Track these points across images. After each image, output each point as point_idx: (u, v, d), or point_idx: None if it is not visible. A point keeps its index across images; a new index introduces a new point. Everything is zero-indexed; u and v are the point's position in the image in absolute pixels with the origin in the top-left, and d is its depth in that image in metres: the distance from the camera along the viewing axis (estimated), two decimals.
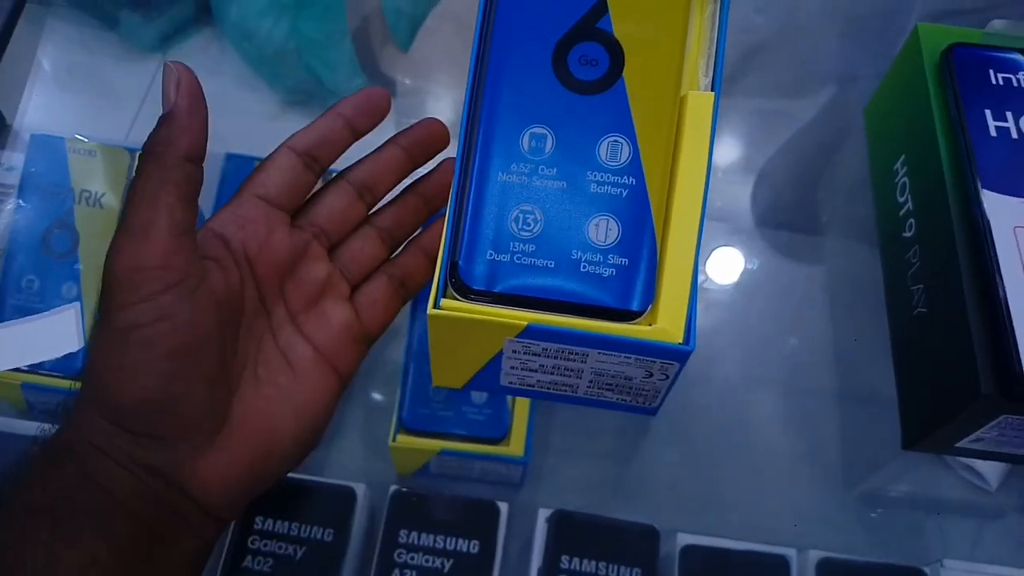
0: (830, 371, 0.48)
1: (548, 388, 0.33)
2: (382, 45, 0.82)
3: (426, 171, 0.38)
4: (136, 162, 0.49)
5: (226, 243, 0.32)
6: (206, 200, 0.47)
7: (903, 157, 0.38)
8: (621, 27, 0.31)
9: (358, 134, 0.35)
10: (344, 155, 0.36)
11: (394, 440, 0.44)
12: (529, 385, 0.33)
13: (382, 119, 0.36)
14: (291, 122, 0.36)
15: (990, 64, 0.36)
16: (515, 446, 0.44)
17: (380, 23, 0.84)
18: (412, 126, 0.37)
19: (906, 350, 0.36)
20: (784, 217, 0.55)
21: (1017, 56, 0.36)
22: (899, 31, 0.44)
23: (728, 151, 0.60)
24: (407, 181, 0.38)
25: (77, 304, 0.45)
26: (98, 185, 0.47)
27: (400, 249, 0.38)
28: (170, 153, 0.28)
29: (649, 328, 0.29)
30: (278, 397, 0.32)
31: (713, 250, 0.54)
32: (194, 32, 1.00)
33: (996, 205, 0.32)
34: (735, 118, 0.61)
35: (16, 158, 0.50)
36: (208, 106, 0.30)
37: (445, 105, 0.64)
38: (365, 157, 0.36)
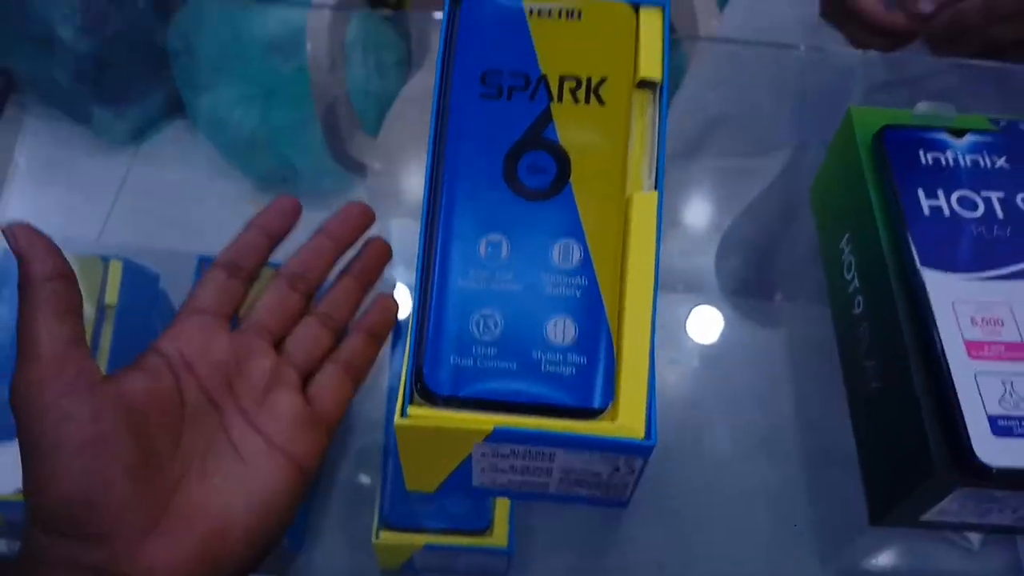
0: (803, 438, 0.49)
1: (520, 487, 0.34)
2: (351, 129, 0.84)
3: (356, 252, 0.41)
4: (110, 270, 0.50)
5: (160, 353, 0.34)
6: (179, 300, 0.48)
7: (847, 236, 0.40)
8: (566, 135, 0.33)
9: (274, 238, 0.39)
10: None
11: (377, 537, 0.44)
12: (501, 485, 0.34)
13: (295, 221, 0.39)
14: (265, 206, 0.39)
15: (920, 144, 0.38)
16: (498, 536, 0.44)
17: (348, 108, 0.86)
18: (336, 212, 0.40)
19: (865, 425, 0.37)
20: (746, 284, 0.57)
21: (945, 136, 0.38)
22: (844, 102, 0.47)
23: (691, 218, 0.62)
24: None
25: None
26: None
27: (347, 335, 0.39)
28: (30, 282, 0.32)
29: (611, 424, 0.30)
30: (227, 487, 0.33)
31: (681, 318, 0.55)
32: (166, 125, 1.02)
33: (935, 281, 0.34)
34: (695, 187, 0.63)
35: None
36: (181, 196, 0.33)
37: (414, 184, 0.66)
38: (297, 250, 0.39)
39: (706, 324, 0.55)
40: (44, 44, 1.19)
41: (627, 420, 0.30)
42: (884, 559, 0.47)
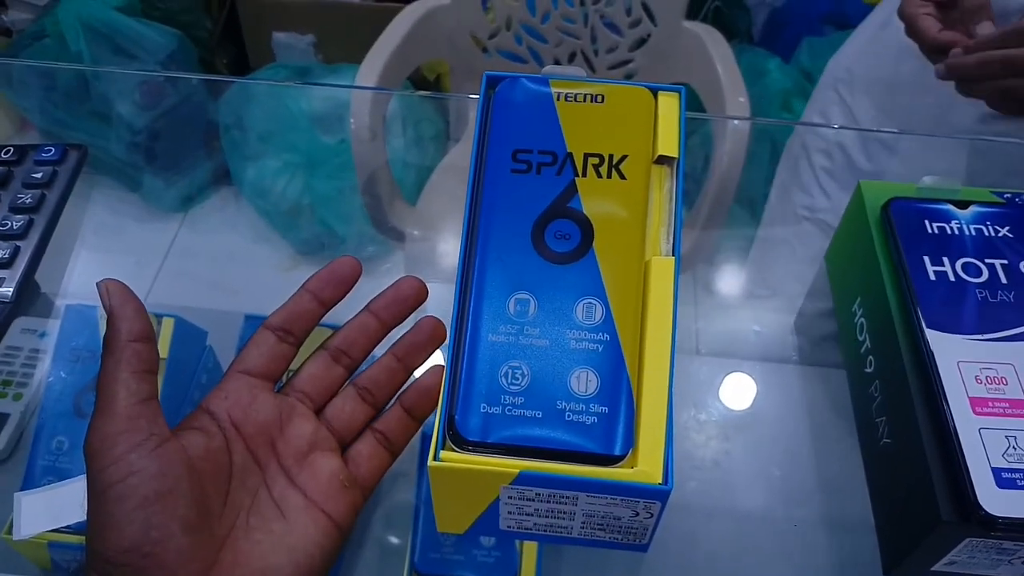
0: (820, 499, 0.50)
1: (545, 530, 0.37)
2: (391, 198, 0.90)
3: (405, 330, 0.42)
4: (163, 326, 0.54)
5: (211, 414, 0.37)
6: (226, 360, 0.52)
7: (859, 299, 0.43)
8: (589, 206, 0.37)
9: (327, 305, 0.40)
10: None
11: None
12: (527, 528, 0.37)
13: (349, 288, 0.41)
14: (304, 272, 0.41)
15: (925, 215, 0.41)
16: None
17: (388, 177, 0.92)
18: (385, 290, 0.42)
19: (877, 479, 0.40)
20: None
21: (949, 207, 0.41)
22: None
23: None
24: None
25: None
26: None
27: (386, 408, 0.42)
28: (115, 340, 0.35)
29: (631, 471, 0.33)
30: (270, 541, 0.36)
31: (710, 380, 0.57)
32: (212, 192, 1.09)
33: (939, 342, 0.37)
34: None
35: (50, 324, 0.55)
36: (226, 260, 0.36)
37: (450, 249, 0.69)
38: (345, 324, 0.41)
39: (731, 387, 0.57)
40: (103, 118, 1.29)
41: (646, 466, 0.33)
42: None
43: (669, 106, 0.38)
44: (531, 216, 0.37)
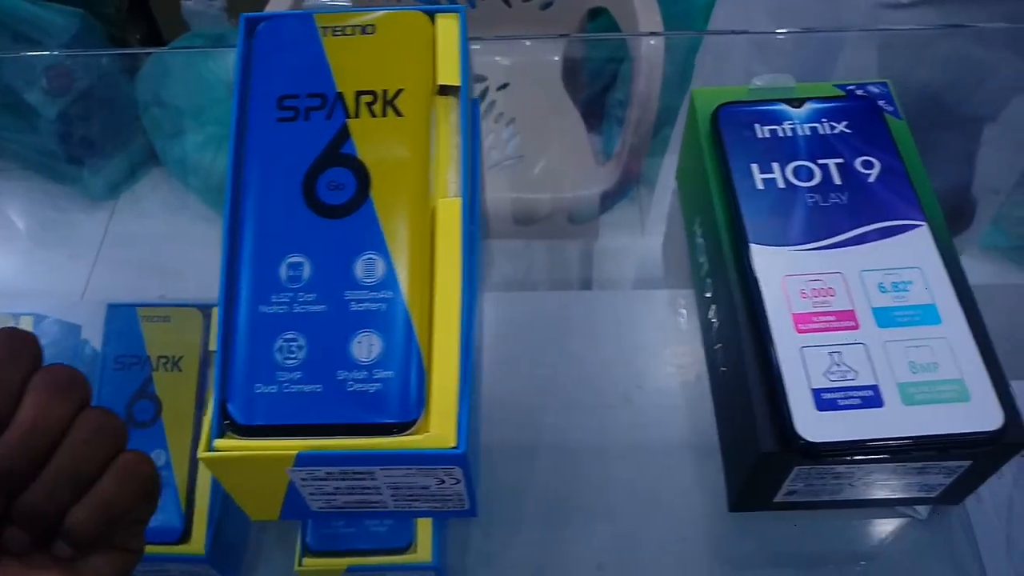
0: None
1: (359, 507, 0.34)
2: None
3: None
4: (20, 324, 0.51)
5: None
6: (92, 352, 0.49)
7: (698, 219, 0.39)
8: (364, 150, 0.33)
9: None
10: None
11: (300, 564, 0.44)
12: (339, 507, 0.34)
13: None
14: None
15: (756, 119, 0.38)
16: (422, 553, 0.44)
17: None
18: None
19: (719, 412, 0.37)
20: None
21: (782, 107, 0.38)
22: None
23: None
24: None
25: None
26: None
27: None
28: None
29: (420, 438, 0.31)
30: None
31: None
32: (142, 175, 1.05)
33: (764, 258, 0.34)
34: None
35: None
36: (165, 243, 0.31)
37: None
38: None
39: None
40: (13, 110, 1.24)
41: (438, 431, 0.31)
42: (833, 537, 0.46)
43: (448, 29, 0.34)
44: (301, 168, 0.33)
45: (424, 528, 0.45)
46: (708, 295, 0.37)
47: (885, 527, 0.47)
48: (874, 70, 0.67)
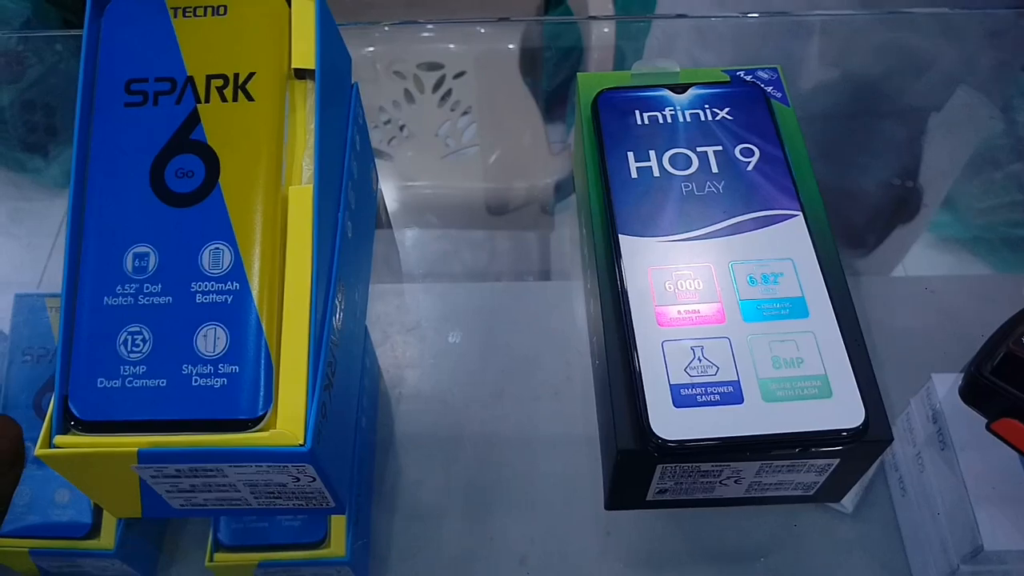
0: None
1: (221, 505, 0.33)
2: None
3: None
4: None
5: None
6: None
7: (582, 210, 0.38)
8: (214, 136, 0.32)
9: None
10: None
11: (211, 560, 0.43)
12: (200, 505, 0.33)
13: None
14: None
15: (635, 104, 0.36)
16: (336, 547, 0.43)
17: None
18: None
19: (598, 406, 0.35)
20: None
21: (664, 92, 0.36)
22: None
23: None
24: None
25: None
26: None
27: None
28: None
29: (265, 435, 0.30)
30: None
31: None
32: None
33: (632, 248, 0.33)
34: None
35: None
36: None
37: None
38: None
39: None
40: None
41: (285, 427, 0.30)
42: (757, 531, 0.46)
43: (304, 11, 0.33)
44: (149, 155, 0.32)
45: (338, 522, 0.44)
46: (588, 287, 0.36)
47: (811, 520, 0.46)
48: (814, 57, 0.66)
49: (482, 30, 1.14)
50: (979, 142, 0.74)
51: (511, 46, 1.10)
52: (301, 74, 0.33)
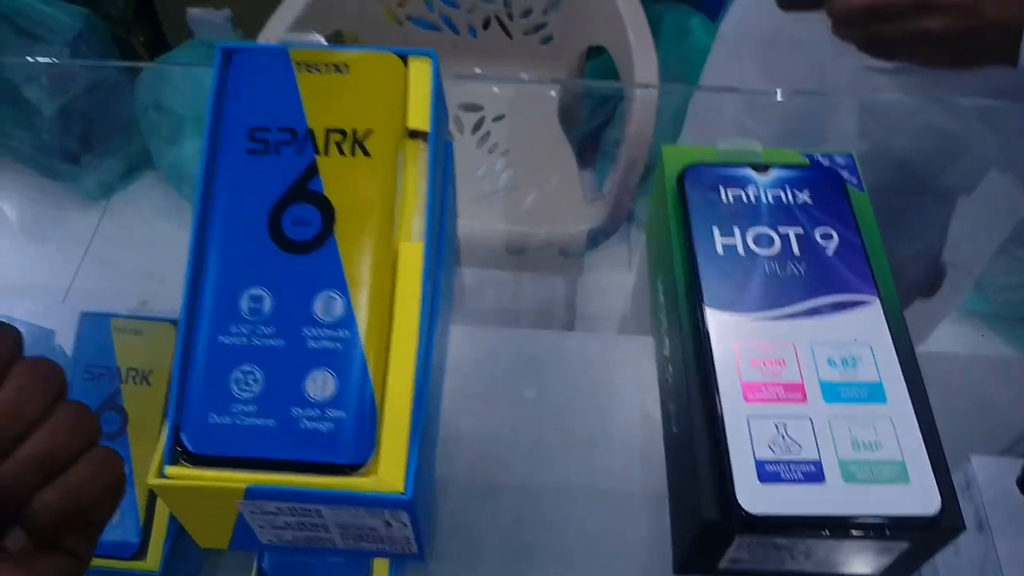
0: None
1: (307, 542, 0.34)
2: None
3: None
4: None
5: None
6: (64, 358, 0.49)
7: (660, 277, 0.40)
8: (331, 188, 0.33)
9: None
10: None
11: None
12: (287, 541, 0.34)
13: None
14: None
15: (721, 182, 0.38)
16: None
17: None
18: None
19: (670, 472, 0.37)
20: None
21: (748, 172, 0.38)
22: None
23: None
24: None
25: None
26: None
27: None
28: None
29: (369, 480, 0.31)
30: None
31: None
32: (137, 178, 1.05)
33: (718, 323, 0.34)
34: None
35: None
36: (152, 247, 0.31)
37: None
38: None
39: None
40: (12, 104, 1.23)
41: (386, 474, 0.31)
42: None
43: (421, 74, 0.35)
44: (268, 201, 0.33)
45: (381, 561, 0.45)
46: (666, 353, 0.38)
47: None
48: (854, 133, 0.68)
49: (525, 76, 1.17)
50: (1008, 223, 0.76)
51: (552, 93, 1.13)
52: (414, 134, 0.35)
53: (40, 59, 1.43)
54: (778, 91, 0.71)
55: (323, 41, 0.35)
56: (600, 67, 1.29)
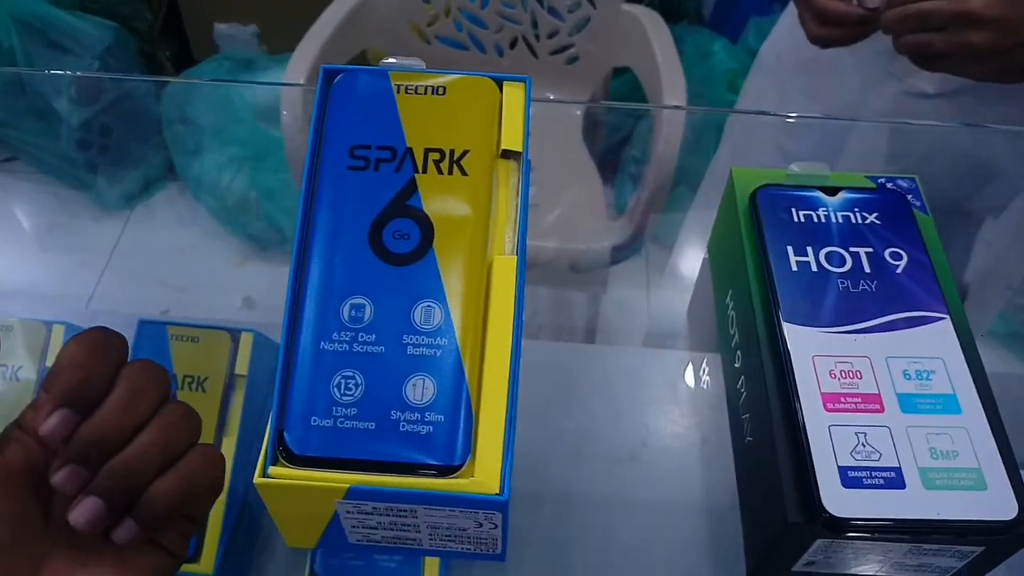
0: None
1: (394, 542, 0.35)
2: None
3: None
4: (53, 334, 0.51)
5: (25, 428, 0.33)
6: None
7: (730, 292, 0.41)
8: (430, 204, 0.35)
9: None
10: None
11: None
12: (376, 541, 0.35)
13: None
14: (254, 267, 0.38)
15: (792, 203, 0.40)
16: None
17: None
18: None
19: (742, 479, 0.38)
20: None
21: (818, 194, 0.40)
22: None
23: None
24: None
25: None
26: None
27: None
28: None
29: (467, 481, 0.32)
30: (98, 565, 0.33)
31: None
32: (159, 189, 1.06)
33: (796, 336, 0.35)
34: None
35: None
36: (174, 257, 0.33)
37: None
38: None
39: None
40: (40, 116, 1.25)
41: (482, 476, 0.32)
42: None
43: (514, 97, 0.37)
44: (369, 215, 0.35)
45: (431, 567, 0.46)
46: (737, 366, 0.39)
47: None
48: (893, 156, 0.70)
49: (551, 96, 1.19)
50: None
51: (577, 112, 1.14)
52: (507, 154, 0.36)
53: (69, 72, 1.46)
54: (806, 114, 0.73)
55: (423, 65, 0.37)
56: (621, 86, 1.32)
